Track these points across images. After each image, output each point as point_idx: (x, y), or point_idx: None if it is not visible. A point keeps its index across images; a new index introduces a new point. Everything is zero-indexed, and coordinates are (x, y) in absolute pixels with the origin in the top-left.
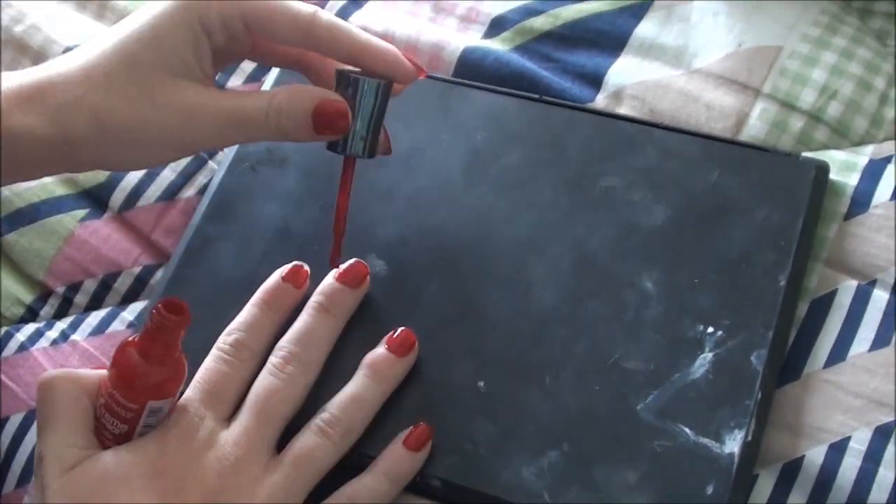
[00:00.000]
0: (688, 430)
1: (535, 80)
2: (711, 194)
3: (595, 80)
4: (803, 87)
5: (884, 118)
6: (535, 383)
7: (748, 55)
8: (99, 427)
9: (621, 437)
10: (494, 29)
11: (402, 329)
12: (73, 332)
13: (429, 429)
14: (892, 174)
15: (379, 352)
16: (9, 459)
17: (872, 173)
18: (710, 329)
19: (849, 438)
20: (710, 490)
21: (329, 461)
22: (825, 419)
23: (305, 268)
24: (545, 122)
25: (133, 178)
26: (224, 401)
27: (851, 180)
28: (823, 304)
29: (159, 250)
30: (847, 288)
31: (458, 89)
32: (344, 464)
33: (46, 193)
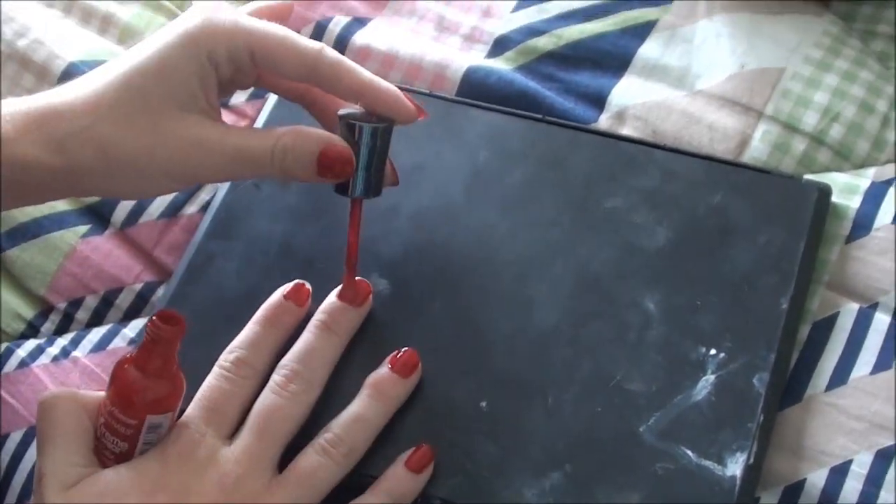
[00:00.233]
0: (690, 453)
1: (538, 100)
2: (714, 216)
3: (598, 100)
4: (806, 109)
5: (885, 141)
6: (537, 404)
7: (751, 77)
8: (99, 447)
9: (623, 459)
10: (498, 48)
11: (406, 349)
12: (74, 349)
13: (431, 450)
14: (894, 197)
15: (382, 372)
16: (9, 476)
17: (874, 196)
18: (713, 351)
19: (850, 462)
20: None
21: (331, 481)
22: (827, 442)
23: (307, 286)
24: (548, 143)
25: None
26: (225, 418)
27: (853, 203)
28: (825, 326)
29: (161, 267)
30: (849, 311)
31: (461, 108)
32: (345, 484)
33: (48, 209)
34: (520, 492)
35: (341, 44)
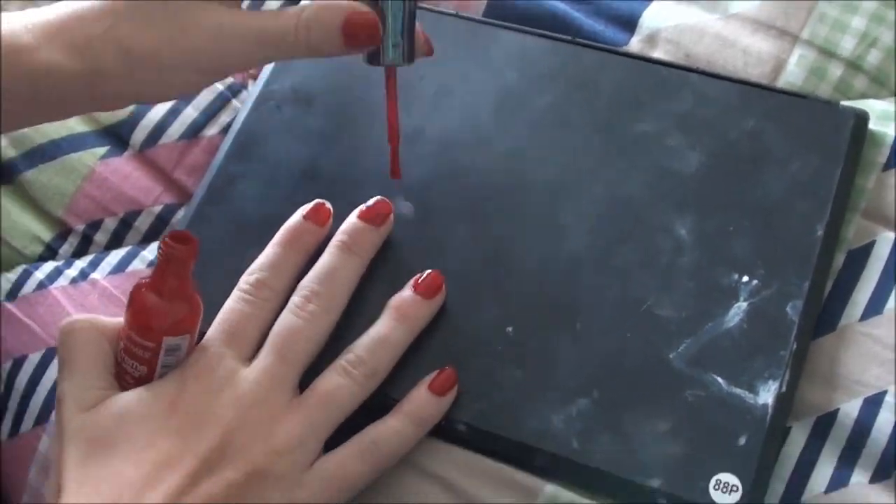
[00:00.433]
0: (720, 380)
1: (567, 22)
2: (747, 141)
3: (629, 22)
4: (842, 33)
5: None
6: (565, 329)
7: (785, 0)
8: (120, 372)
9: (652, 386)
10: None
11: (430, 271)
12: (93, 271)
13: (454, 373)
14: None
15: (405, 294)
16: (27, 398)
17: None
18: (745, 278)
19: (885, 392)
20: (742, 441)
21: (352, 402)
22: (861, 372)
23: (328, 206)
24: (578, 65)
25: (155, 115)
26: (245, 340)
27: (891, 130)
28: (861, 255)
29: (181, 189)
30: (885, 239)
31: (489, 30)
32: (367, 406)
33: (66, 130)
34: (546, 417)
35: None
